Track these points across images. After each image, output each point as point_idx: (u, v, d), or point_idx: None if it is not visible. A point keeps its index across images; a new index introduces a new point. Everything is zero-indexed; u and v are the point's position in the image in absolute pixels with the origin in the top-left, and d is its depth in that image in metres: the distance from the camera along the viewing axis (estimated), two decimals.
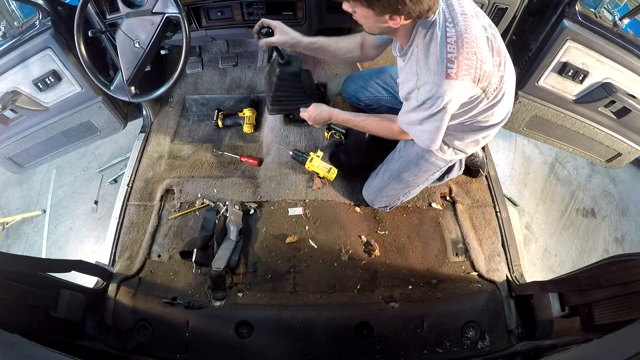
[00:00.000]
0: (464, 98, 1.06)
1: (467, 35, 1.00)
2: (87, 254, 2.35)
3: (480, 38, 1.02)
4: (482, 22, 1.08)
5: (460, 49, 0.98)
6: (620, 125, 1.77)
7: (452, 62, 0.98)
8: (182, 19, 1.32)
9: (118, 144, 2.76)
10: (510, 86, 1.16)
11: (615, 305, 1.04)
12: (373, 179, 1.60)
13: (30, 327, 1.12)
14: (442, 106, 1.04)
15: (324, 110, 1.46)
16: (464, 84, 1.01)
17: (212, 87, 2.19)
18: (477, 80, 1.02)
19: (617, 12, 1.62)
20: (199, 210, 1.69)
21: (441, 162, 1.42)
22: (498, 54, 1.08)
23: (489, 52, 1.04)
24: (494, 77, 1.06)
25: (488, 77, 1.04)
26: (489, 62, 1.03)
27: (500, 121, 1.25)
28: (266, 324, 1.38)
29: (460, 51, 0.98)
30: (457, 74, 0.98)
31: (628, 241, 2.45)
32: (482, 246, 1.63)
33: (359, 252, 1.57)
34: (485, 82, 1.05)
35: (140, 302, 1.44)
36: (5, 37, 1.62)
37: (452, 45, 0.99)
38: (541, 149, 2.74)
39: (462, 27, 1.01)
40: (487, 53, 1.03)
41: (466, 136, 1.30)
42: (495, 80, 1.07)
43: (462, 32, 1.00)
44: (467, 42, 0.99)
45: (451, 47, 0.99)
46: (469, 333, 1.39)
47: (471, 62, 0.99)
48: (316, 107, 1.47)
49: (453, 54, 0.98)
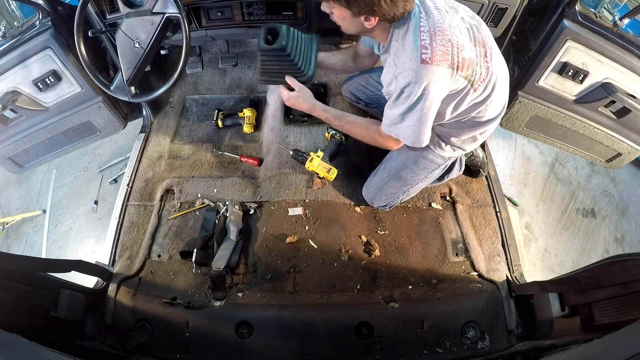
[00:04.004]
0: (445, 86, 1.05)
1: (440, 25, 1.03)
2: (87, 254, 2.35)
3: (455, 28, 1.04)
4: (462, 15, 1.10)
5: (433, 36, 1.01)
6: (620, 125, 1.77)
7: (425, 47, 1.00)
8: (182, 19, 1.32)
9: (118, 144, 2.75)
10: (501, 79, 1.17)
11: (615, 305, 1.04)
12: (372, 177, 1.60)
13: (30, 327, 1.12)
14: (420, 92, 1.04)
15: (307, 100, 1.35)
16: (440, 69, 1.01)
17: (212, 87, 2.19)
18: (455, 67, 1.03)
19: (617, 12, 1.62)
20: (199, 210, 1.69)
21: (439, 159, 1.42)
22: (482, 45, 1.09)
23: (469, 41, 1.06)
24: (478, 66, 1.07)
25: (470, 66, 1.05)
26: (468, 50, 1.04)
27: (496, 116, 1.25)
28: (266, 324, 1.38)
29: (433, 38, 1.01)
30: (432, 58, 1.00)
31: (628, 241, 2.45)
32: (482, 246, 1.63)
33: (359, 252, 1.57)
34: (467, 71, 1.05)
35: (140, 302, 1.44)
36: (5, 37, 1.62)
37: (425, 33, 1.01)
38: (541, 149, 2.74)
39: (434, 19, 1.04)
40: (466, 42, 1.05)
41: (462, 133, 1.30)
42: (482, 71, 1.08)
43: (434, 22, 1.03)
44: (440, 30, 1.02)
45: (424, 34, 1.01)
46: (469, 333, 1.39)
47: (446, 48, 1.01)
48: (301, 92, 1.35)
49: (426, 41, 1.00)
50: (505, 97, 1.23)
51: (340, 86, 1.95)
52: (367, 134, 1.32)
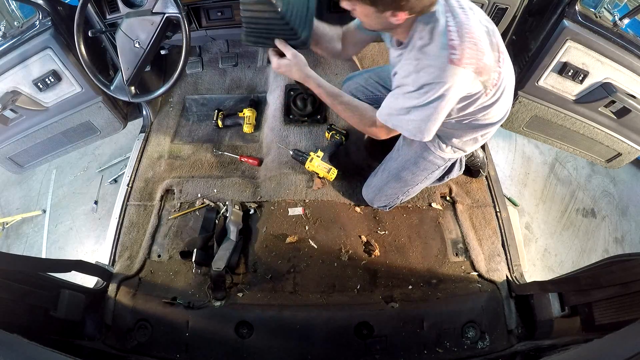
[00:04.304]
0: (464, 90, 1.04)
1: (467, 26, 0.99)
2: (87, 254, 2.35)
3: (479, 31, 1.01)
4: (480, 17, 1.07)
5: (462, 37, 0.97)
6: (620, 125, 1.77)
7: (454, 48, 0.96)
8: (182, 19, 1.32)
9: (118, 144, 2.76)
10: (509, 84, 1.15)
11: (615, 305, 1.04)
12: (372, 178, 1.60)
13: (30, 327, 1.12)
14: (441, 93, 1.00)
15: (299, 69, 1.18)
16: (466, 73, 0.98)
17: (212, 87, 2.20)
18: (478, 72, 1.00)
19: (617, 12, 1.62)
20: (199, 210, 1.69)
21: (440, 160, 1.42)
22: (497, 49, 1.07)
23: (488, 45, 1.04)
24: (493, 72, 1.05)
25: (488, 71, 1.03)
26: (488, 56, 1.02)
27: (499, 120, 1.24)
28: (266, 324, 1.38)
29: (462, 39, 0.97)
30: (461, 60, 0.96)
31: (628, 241, 2.45)
32: (482, 246, 1.62)
33: (359, 252, 1.57)
34: (485, 76, 1.03)
35: (140, 302, 1.44)
36: (5, 37, 1.62)
37: (454, 33, 0.97)
38: (541, 149, 2.74)
39: (461, 19, 1.00)
40: (487, 46, 1.02)
41: (464, 134, 1.29)
42: (494, 76, 1.06)
43: (462, 22, 0.99)
44: (468, 32, 0.98)
45: (453, 34, 0.97)
46: (469, 333, 1.39)
47: (473, 52, 0.98)
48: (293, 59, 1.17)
49: (455, 41, 0.96)
50: (510, 101, 1.22)
51: (341, 85, 1.95)
52: (360, 120, 1.24)
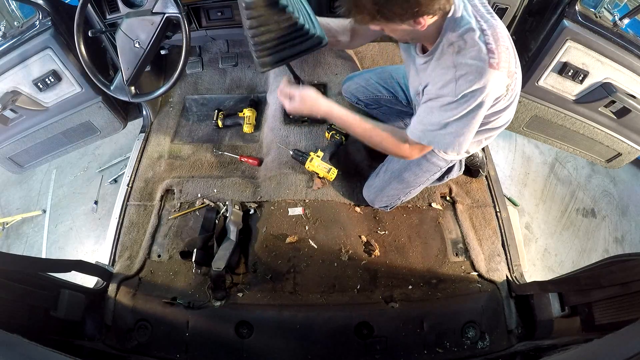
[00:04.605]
0: (498, 93, 1.03)
1: (497, 30, 1.00)
2: (87, 254, 2.35)
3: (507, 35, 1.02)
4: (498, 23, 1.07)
5: (497, 41, 0.98)
6: (620, 125, 1.77)
7: (492, 52, 0.96)
8: (182, 19, 1.32)
9: (118, 144, 2.76)
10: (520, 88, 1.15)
11: (615, 305, 1.04)
12: (374, 178, 1.60)
13: (30, 327, 1.12)
14: (481, 100, 0.99)
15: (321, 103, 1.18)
16: (502, 76, 0.98)
17: (212, 87, 2.19)
18: (510, 75, 1.01)
19: (617, 12, 1.62)
20: (199, 210, 1.69)
21: (442, 162, 1.42)
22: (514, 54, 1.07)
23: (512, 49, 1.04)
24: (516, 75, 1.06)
25: (513, 75, 1.03)
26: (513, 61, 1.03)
27: (505, 123, 1.24)
28: (266, 324, 1.38)
29: (498, 43, 0.97)
30: (499, 64, 0.96)
31: (628, 241, 2.45)
32: (482, 246, 1.62)
33: (359, 252, 1.57)
34: (511, 79, 1.03)
35: (140, 302, 1.44)
36: (5, 37, 1.62)
37: (489, 36, 0.98)
38: (541, 149, 2.74)
39: (492, 22, 1.01)
40: (513, 50, 1.03)
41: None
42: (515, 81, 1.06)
43: (493, 26, 1.00)
44: (501, 36, 0.99)
45: (489, 37, 0.97)
46: (469, 333, 1.39)
47: (507, 55, 0.98)
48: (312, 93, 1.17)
49: (492, 45, 0.97)
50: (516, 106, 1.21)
51: (341, 85, 1.95)
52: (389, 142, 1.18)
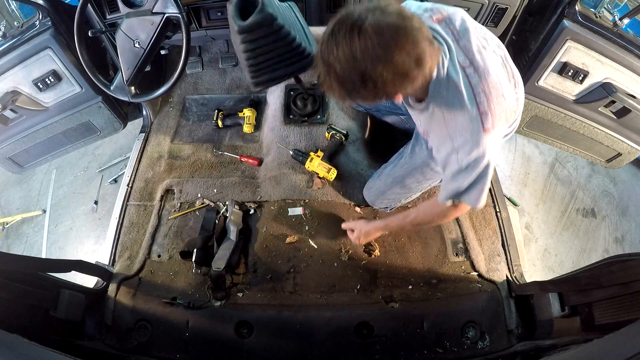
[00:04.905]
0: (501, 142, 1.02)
1: (489, 77, 0.92)
2: (87, 254, 2.35)
3: (500, 72, 0.95)
4: (493, 47, 1.00)
5: (489, 96, 0.91)
6: (620, 125, 1.77)
7: (485, 114, 0.91)
8: (182, 19, 1.32)
9: (118, 144, 2.75)
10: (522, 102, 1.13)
11: (615, 305, 1.04)
12: (375, 180, 1.59)
13: (30, 327, 1.12)
14: (487, 162, 0.97)
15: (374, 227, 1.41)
16: (499, 131, 0.95)
17: (212, 87, 2.19)
18: (507, 120, 0.99)
19: (617, 12, 1.62)
20: (199, 210, 1.69)
21: None
22: (512, 75, 1.04)
23: (506, 79, 0.98)
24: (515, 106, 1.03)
25: (511, 110, 1.00)
26: (511, 95, 0.98)
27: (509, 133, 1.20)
28: (266, 324, 1.38)
29: (490, 98, 0.91)
30: (494, 124, 0.92)
31: (628, 241, 2.45)
32: (482, 246, 1.62)
33: (359, 252, 1.57)
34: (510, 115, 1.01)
35: (140, 302, 1.44)
36: (5, 37, 1.62)
37: (480, 94, 0.91)
38: (541, 149, 2.74)
39: (482, 68, 0.92)
40: (507, 84, 0.97)
41: None
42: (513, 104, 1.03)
43: (484, 74, 0.92)
44: (493, 86, 0.92)
45: (480, 95, 0.91)
46: (469, 333, 1.39)
47: (501, 106, 0.93)
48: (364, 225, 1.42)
49: (484, 106, 0.91)
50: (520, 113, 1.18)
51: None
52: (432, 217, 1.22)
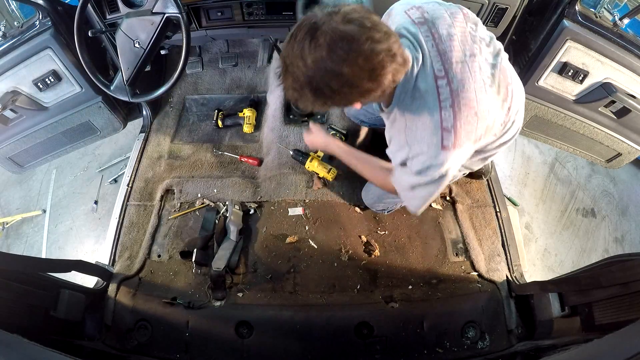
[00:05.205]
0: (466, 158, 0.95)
1: (464, 93, 0.84)
2: (87, 254, 2.35)
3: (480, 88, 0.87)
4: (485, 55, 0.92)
5: (458, 113, 0.84)
6: (620, 125, 1.77)
7: (448, 131, 0.84)
8: (182, 19, 1.32)
9: (118, 144, 2.75)
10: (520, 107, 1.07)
11: (615, 305, 1.04)
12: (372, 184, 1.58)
13: (30, 327, 1.12)
14: (439, 175, 0.92)
15: (321, 137, 1.37)
16: (462, 150, 0.89)
17: (212, 87, 2.19)
18: (479, 139, 0.91)
19: (617, 12, 1.62)
20: (199, 210, 1.69)
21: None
22: (505, 86, 0.95)
23: (495, 95, 0.91)
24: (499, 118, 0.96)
25: (491, 130, 0.94)
26: (492, 113, 0.90)
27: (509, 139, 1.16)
28: (266, 324, 1.38)
29: (457, 116, 0.84)
30: (455, 143, 0.85)
31: (628, 241, 2.45)
32: (482, 246, 1.62)
33: (359, 252, 1.57)
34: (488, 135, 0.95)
35: (140, 302, 1.44)
36: (5, 37, 1.62)
37: (447, 111, 0.84)
38: (541, 149, 2.74)
39: (457, 83, 0.85)
40: (490, 103, 0.89)
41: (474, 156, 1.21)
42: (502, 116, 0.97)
43: (458, 90, 0.84)
44: (465, 103, 0.84)
45: (446, 113, 0.84)
46: (469, 333, 1.39)
47: (471, 126, 0.86)
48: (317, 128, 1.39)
49: (449, 122, 0.84)
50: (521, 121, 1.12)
51: None
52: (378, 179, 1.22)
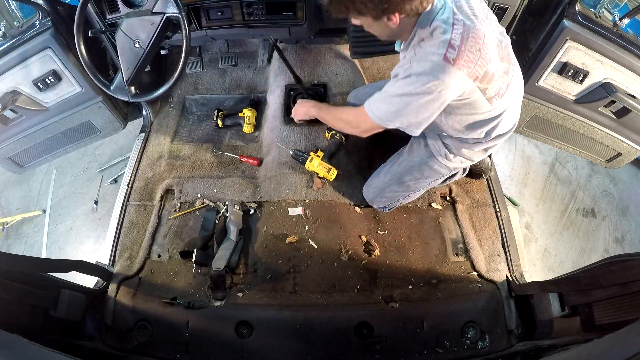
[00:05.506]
0: (455, 94, 1.01)
1: (475, 31, 0.97)
2: (87, 254, 2.35)
3: (489, 39, 0.99)
4: (494, 28, 1.05)
5: (465, 40, 0.95)
6: (620, 125, 1.77)
7: (453, 47, 0.94)
8: (182, 19, 1.32)
9: (118, 144, 2.76)
10: (518, 96, 1.15)
11: (615, 305, 1.04)
12: (374, 178, 1.59)
13: (30, 327, 1.12)
14: (427, 88, 0.98)
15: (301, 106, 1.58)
16: (459, 75, 0.96)
17: (212, 87, 2.19)
18: (474, 78, 0.99)
19: (617, 12, 1.62)
20: (199, 210, 1.69)
21: (445, 169, 1.41)
22: (508, 61, 1.06)
23: (497, 56, 1.01)
24: (497, 81, 1.04)
25: (490, 80, 1.02)
26: (494, 65, 1.00)
27: (509, 130, 1.23)
28: (266, 324, 1.38)
29: (464, 42, 0.95)
30: (456, 60, 0.94)
31: (628, 241, 2.45)
32: (482, 246, 1.62)
33: (359, 252, 1.57)
34: (487, 84, 1.02)
35: (140, 302, 1.44)
36: (5, 37, 1.63)
37: (457, 34, 0.95)
38: (541, 149, 2.74)
39: (470, 23, 0.98)
40: (494, 56, 1.00)
41: (474, 146, 1.28)
42: (499, 86, 1.05)
43: (470, 27, 0.97)
44: (473, 37, 0.96)
45: (456, 35, 0.95)
46: (469, 333, 1.39)
47: (473, 55, 0.96)
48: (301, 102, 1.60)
49: (456, 41, 0.94)
50: (518, 112, 1.21)
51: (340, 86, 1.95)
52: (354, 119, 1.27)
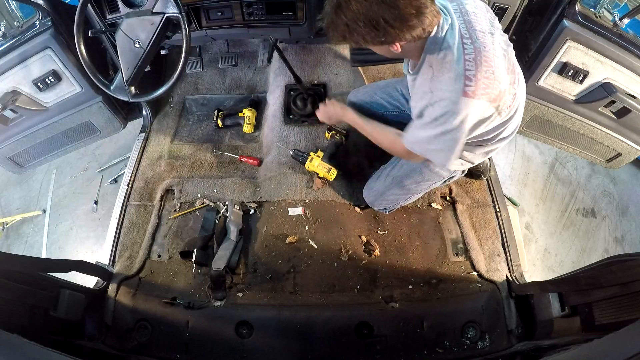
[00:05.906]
0: (479, 118, 1.03)
1: (486, 53, 0.97)
2: (87, 254, 2.35)
3: (498, 56, 1.00)
4: (498, 39, 1.05)
5: (479, 66, 0.95)
6: (620, 125, 1.77)
7: (470, 79, 0.95)
8: (182, 19, 1.32)
9: (118, 144, 2.75)
10: (522, 102, 1.16)
11: (615, 305, 1.04)
12: (374, 181, 1.58)
13: (30, 327, 1.12)
14: (457, 124, 1.00)
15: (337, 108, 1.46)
16: (480, 103, 0.98)
17: (212, 87, 2.19)
18: (492, 100, 1.00)
19: (617, 12, 1.62)
20: (199, 210, 1.69)
21: (446, 172, 1.40)
22: (513, 71, 1.07)
23: (505, 70, 1.02)
24: (507, 95, 1.04)
25: (502, 96, 1.02)
26: (504, 81, 1.01)
27: (511, 134, 1.24)
28: (266, 324, 1.38)
29: (479, 69, 0.95)
30: (475, 92, 0.95)
31: (628, 241, 2.44)
32: (482, 246, 1.62)
33: (359, 252, 1.57)
34: (499, 102, 1.02)
35: (140, 302, 1.44)
36: (5, 37, 1.62)
37: (471, 62, 0.95)
38: (541, 149, 2.74)
39: (480, 44, 0.98)
40: (503, 71, 1.01)
41: (476, 149, 1.28)
42: (509, 98, 1.06)
43: (480, 49, 0.97)
44: (485, 60, 0.96)
45: (469, 64, 0.95)
46: (469, 333, 1.39)
47: (489, 81, 0.96)
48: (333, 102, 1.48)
49: (471, 72, 0.95)
50: (521, 116, 1.21)
51: (340, 86, 1.95)
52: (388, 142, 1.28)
